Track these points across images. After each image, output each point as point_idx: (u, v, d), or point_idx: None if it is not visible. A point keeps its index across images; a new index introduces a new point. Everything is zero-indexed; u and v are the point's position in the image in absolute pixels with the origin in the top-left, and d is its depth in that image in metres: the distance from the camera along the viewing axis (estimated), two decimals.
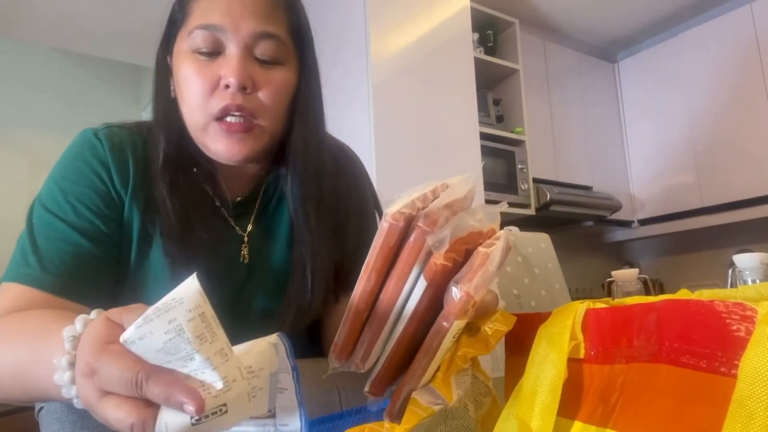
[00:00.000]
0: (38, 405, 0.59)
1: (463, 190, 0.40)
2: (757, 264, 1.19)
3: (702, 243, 3.44)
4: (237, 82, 0.63)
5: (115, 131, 0.69)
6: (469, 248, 0.38)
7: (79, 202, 0.63)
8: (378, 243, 0.39)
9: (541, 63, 3.27)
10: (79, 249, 0.61)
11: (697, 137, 3.21)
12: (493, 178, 2.72)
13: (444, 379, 0.38)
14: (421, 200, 0.39)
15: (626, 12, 3.36)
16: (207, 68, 0.65)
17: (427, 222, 0.37)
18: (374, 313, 0.39)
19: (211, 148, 0.66)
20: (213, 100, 0.64)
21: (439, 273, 0.37)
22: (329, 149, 0.78)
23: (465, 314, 0.37)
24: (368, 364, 0.40)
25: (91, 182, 0.64)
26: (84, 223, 0.62)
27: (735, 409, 0.29)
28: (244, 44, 0.65)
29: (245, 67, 0.64)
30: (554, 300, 1.18)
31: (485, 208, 0.41)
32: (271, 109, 0.66)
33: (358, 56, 2.23)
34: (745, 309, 0.31)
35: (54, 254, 0.59)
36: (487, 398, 0.43)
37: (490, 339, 0.40)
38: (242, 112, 0.64)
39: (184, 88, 0.66)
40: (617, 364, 0.37)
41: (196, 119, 0.66)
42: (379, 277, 0.39)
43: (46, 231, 0.61)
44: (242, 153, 0.65)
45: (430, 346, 0.38)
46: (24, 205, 0.65)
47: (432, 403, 0.38)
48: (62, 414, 0.51)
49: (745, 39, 3.02)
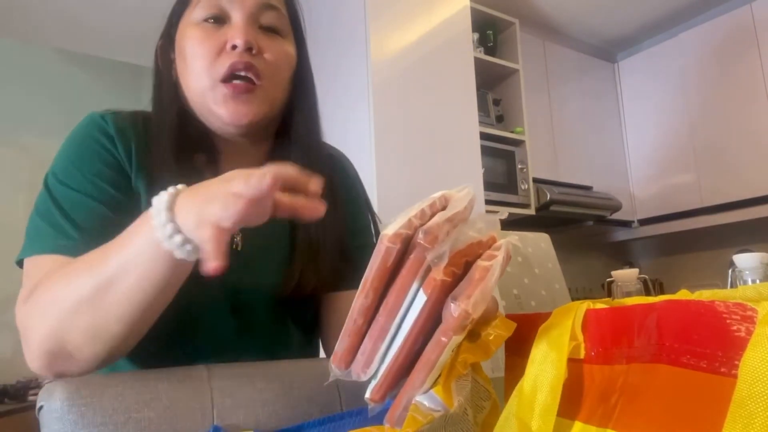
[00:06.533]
0: (38, 404, 0.59)
1: (462, 202, 0.40)
2: (757, 264, 1.19)
3: (702, 243, 3.44)
4: (243, 42, 0.66)
5: (119, 115, 0.71)
6: (469, 260, 0.38)
7: (98, 177, 0.65)
8: (375, 264, 0.38)
9: (541, 63, 3.27)
10: (108, 220, 0.62)
11: (696, 137, 3.21)
12: (493, 178, 2.72)
13: (445, 385, 0.38)
14: (418, 217, 0.38)
15: (626, 12, 3.36)
16: (213, 35, 0.68)
17: (427, 239, 0.37)
18: (374, 326, 0.39)
19: (216, 112, 0.68)
20: (219, 62, 0.67)
21: (438, 288, 0.37)
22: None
23: (463, 330, 0.37)
24: (369, 374, 0.40)
25: (103, 157, 0.66)
26: (106, 195, 0.64)
27: (735, 410, 0.29)
28: (250, 12, 0.69)
29: (251, 30, 0.68)
30: (554, 300, 1.18)
31: (485, 217, 0.40)
32: (273, 71, 0.70)
33: (358, 56, 2.23)
34: (746, 309, 0.31)
35: (88, 225, 0.61)
36: (487, 402, 0.43)
37: (490, 345, 0.40)
38: (249, 71, 0.67)
39: (190, 56, 0.69)
40: (617, 364, 0.37)
41: (202, 84, 0.68)
42: (376, 295, 0.39)
43: (73, 205, 0.62)
44: (247, 116, 0.68)
45: (429, 358, 0.38)
46: (24, 205, 0.65)
47: (433, 410, 0.38)
48: (62, 413, 0.51)
49: (745, 39, 3.02)
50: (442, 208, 0.40)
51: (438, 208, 0.40)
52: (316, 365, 0.65)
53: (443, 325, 0.37)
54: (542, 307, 1.14)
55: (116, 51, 3.25)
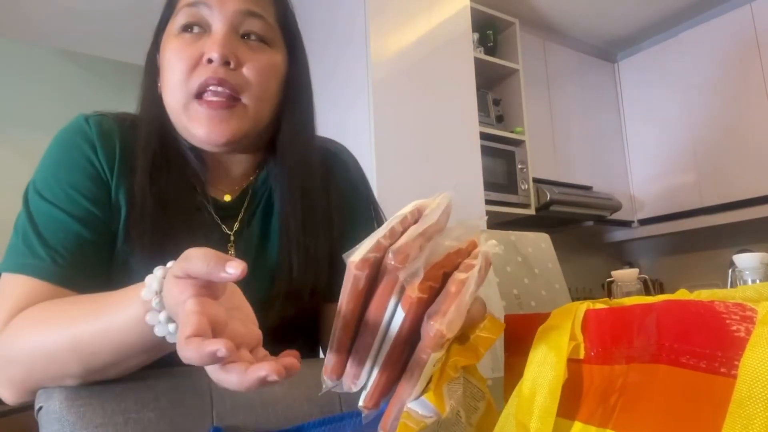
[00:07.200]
0: (38, 405, 0.59)
1: (436, 213, 0.38)
2: (757, 264, 1.19)
3: (702, 243, 3.44)
4: (219, 55, 0.62)
5: (105, 119, 0.68)
6: (447, 271, 0.37)
7: (74, 190, 0.62)
8: (346, 290, 0.38)
9: (541, 63, 3.27)
10: (80, 239, 0.60)
11: (696, 137, 3.21)
12: (493, 178, 2.72)
13: (436, 390, 0.38)
14: (388, 237, 0.37)
15: (626, 12, 3.36)
16: (191, 47, 0.64)
17: (398, 258, 0.36)
18: (358, 342, 0.39)
19: (192, 131, 0.64)
20: (194, 76, 0.63)
21: (414, 305, 0.36)
22: (319, 151, 0.77)
23: (441, 347, 0.37)
24: (359, 385, 0.40)
25: (83, 167, 0.63)
26: (81, 211, 0.61)
27: (734, 410, 0.29)
28: (230, 21, 0.64)
29: (230, 42, 0.63)
30: (554, 300, 1.18)
31: (464, 224, 0.39)
32: (255, 86, 0.65)
33: (358, 56, 2.23)
34: (745, 309, 0.31)
35: (59, 244, 0.59)
36: (481, 402, 0.42)
37: (479, 348, 0.40)
38: (223, 86, 0.62)
39: (167, 70, 0.65)
40: (617, 364, 0.37)
41: (177, 100, 0.64)
42: (354, 315, 0.38)
43: (46, 220, 0.60)
44: (224, 135, 0.63)
45: (413, 373, 0.38)
46: None
47: (425, 416, 0.38)
48: (62, 414, 0.51)
49: (745, 39, 3.02)
50: (414, 222, 0.38)
51: (410, 222, 0.38)
52: (316, 366, 0.65)
53: (421, 342, 0.37)
54: (542, 307, 1.14)
55: (116, 51, 3.25)
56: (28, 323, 0.54)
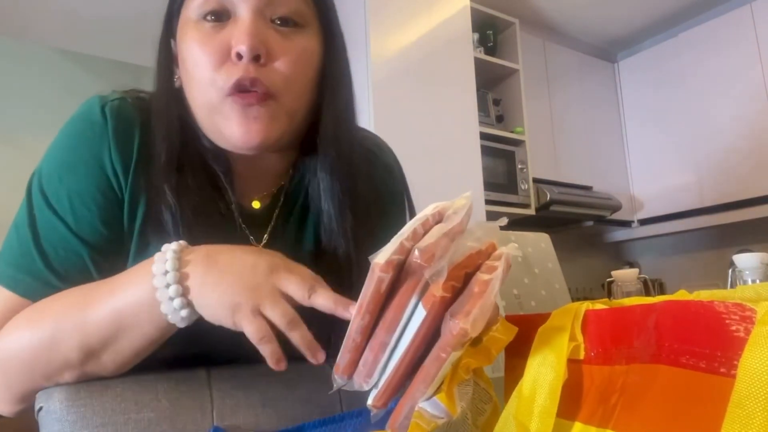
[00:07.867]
0: (38, 405, 0.58)
1: (459, 215, 0.39)
2: (757, 264, 1.19)
3: (702, 243, 3.44)
4: (249, 49, 0.54)
5: (125, 106, 0.60)
6: (469, 272, 0.38)
7: (81, 202, 0.56)
8: (368, 291, 0.38)
9: (541, 63, 3.27)
10: (81, 260, 0.56)
11: (697, 137, 3.21)
12: (493, 178, 2.72)
13: (448, 391, 0.38)
14: (410, 239, 0.38)
15: (626, 12, 3.36)
16: (215, 37, 0.56)
17: (424, 257, 0.36)
18: (374, 339, 0.39)
19: (226, 132, 0.57)
20: (222, 74, 0.55)
21: (437, 303, 0.37)
22: (361, 143, 0.69)
23: (462, 346, 0.37)
24: (371, 383, 0.40)
25: (92, 175, 0.57)
26: (85, 228, 0.56)
27: (734, 409, 0.29)
28: (256, 5, 0.56)
29: (258, 31, 0.55)
30: (554, 300, 1.18)
31: (483, 226, 0.40)
32: (291, 82, 0.57)
33: (358, 56, 2.23)
34: (745, 309, 0.31)
35: (58, 262, 0.55)
36: (488, 405, 0.43)
37: (491, 350, 0.40)
38: (256, 87, 0.55)
39: (191, 64, 0.57)
40: (617, 365, 0.37)
41: (209, 99, 0.57)
42: (373, 316, 0.38)
43: (47, 231, 0.56)
44: (259, 135, 0.56)
45: (429, 372, 0.38)
46: None
47: (436, 417, 0.38)
48: (62, 414, 0.51)
49: (745, 39, 3.02)
50: (436, 223, 0.39)
51: (431, 224, 0.39)
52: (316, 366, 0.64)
53: (442, 340, 0.37)
54: (542, 307, 1.14)
55: (116, 51, 3.25)
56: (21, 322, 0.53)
